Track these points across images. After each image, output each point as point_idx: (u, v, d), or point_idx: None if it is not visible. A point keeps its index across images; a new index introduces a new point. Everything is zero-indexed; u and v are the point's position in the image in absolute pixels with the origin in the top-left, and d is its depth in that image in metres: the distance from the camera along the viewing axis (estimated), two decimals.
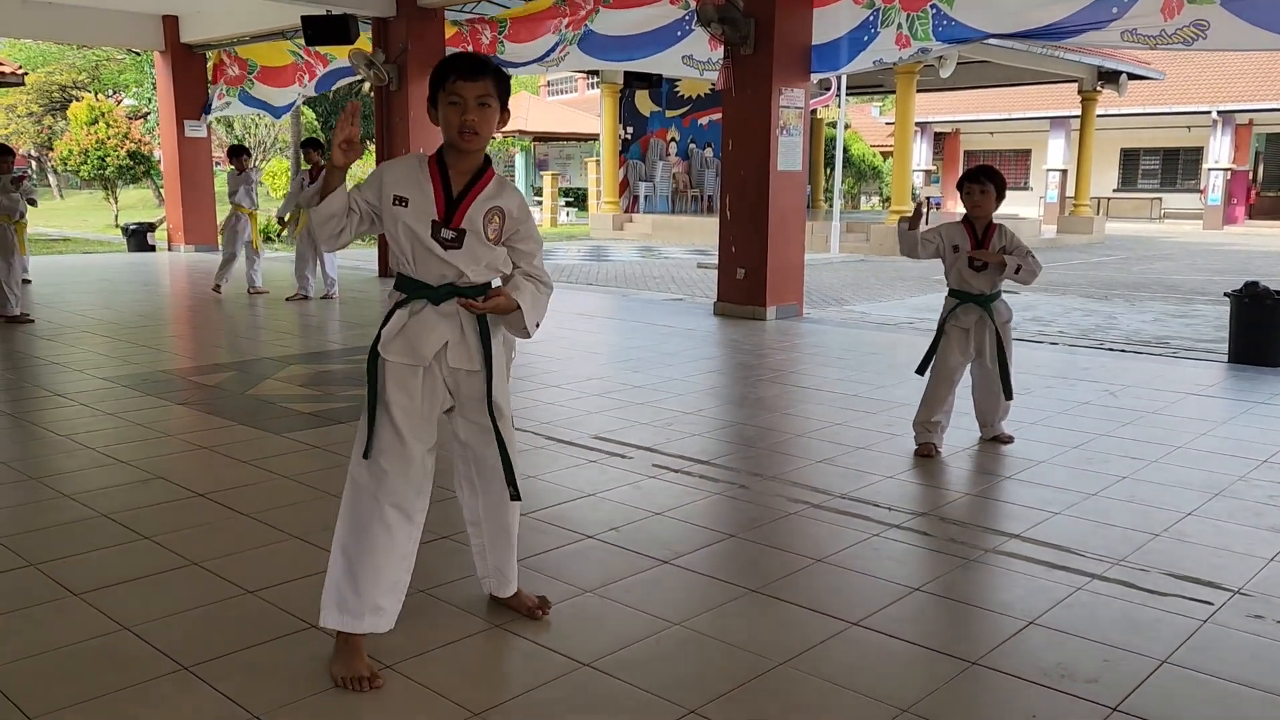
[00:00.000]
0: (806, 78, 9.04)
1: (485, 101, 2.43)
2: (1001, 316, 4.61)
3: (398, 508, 2.48)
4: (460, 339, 2.52)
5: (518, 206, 2.54)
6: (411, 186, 2.46)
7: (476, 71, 2.42)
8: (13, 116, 35.33)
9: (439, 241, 2.45)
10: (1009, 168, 34.06)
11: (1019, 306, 10.99)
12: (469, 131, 2.42)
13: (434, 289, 2.48)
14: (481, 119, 2.43)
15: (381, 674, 2.43)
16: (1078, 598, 2.98)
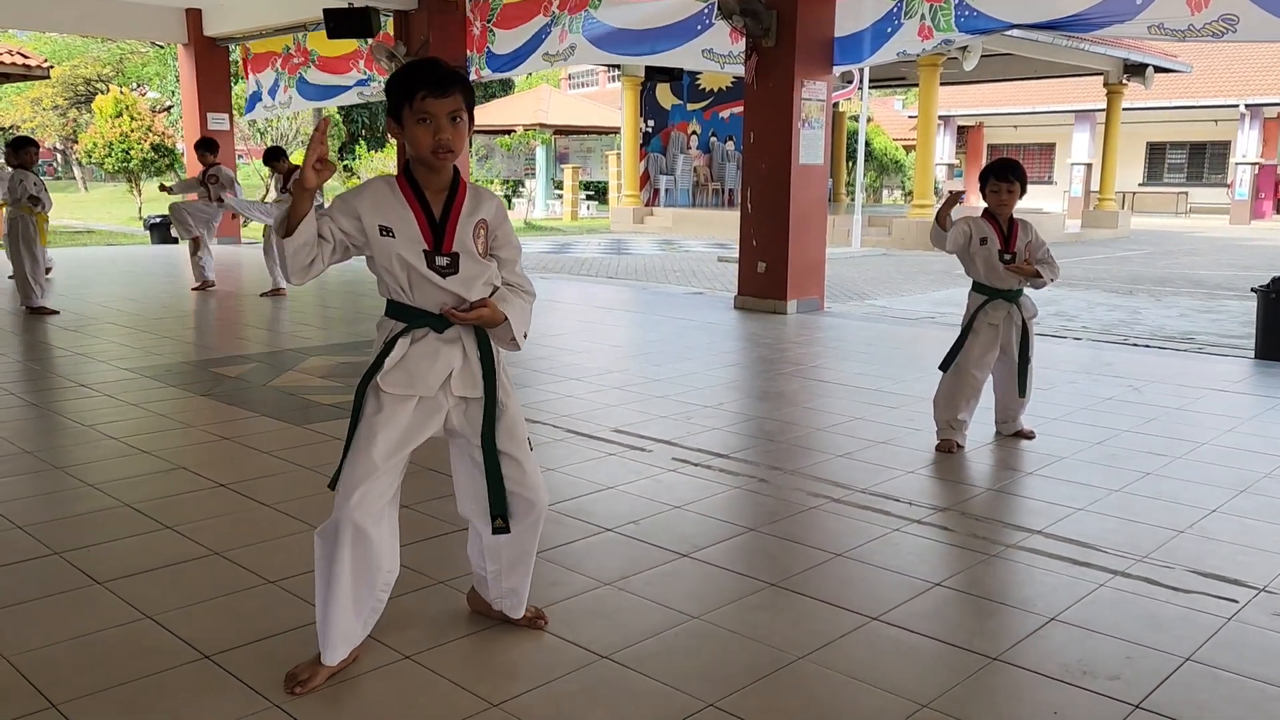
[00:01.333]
0: (829, 70, 9.00)
1: (457, 116, 2.30)
2: (1029, 312, 4.57)
3: (359, 529, 2.34)
4: (464, 366, 2.42)
5: (495, 211, 2.45)
6: (391, 215, 2.32)
7: (446, 85, 2.27)
8: (38, 109, 35.66)
9: (436, 271, 2.34)
10: (1033, 161, 33.83)
11: (1042, 301, 10.91)
12: (444, 150, 2.29)
13: (436, 316, 2.37)
14: (456, 136, 2.31)
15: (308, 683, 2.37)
16: (1100, 594, 2.95)
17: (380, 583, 2.44)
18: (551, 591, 2.93)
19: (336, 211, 2.32)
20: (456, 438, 2.51)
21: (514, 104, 31.22)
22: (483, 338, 2.44)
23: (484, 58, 12.02)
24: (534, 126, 28.20)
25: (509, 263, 2.49)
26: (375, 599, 2.46)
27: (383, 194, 2.35)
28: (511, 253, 2.50)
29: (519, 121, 28.67)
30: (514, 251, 2.51)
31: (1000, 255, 4.43)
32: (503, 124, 28.81)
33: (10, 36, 21.33)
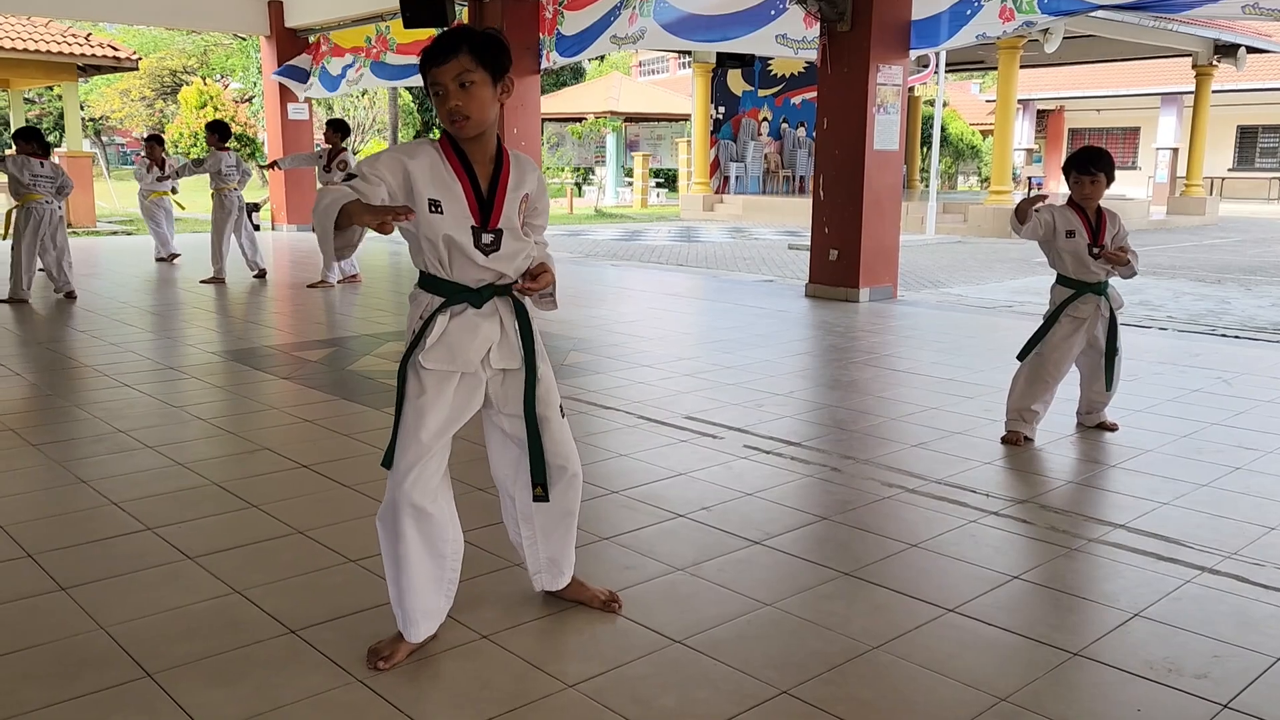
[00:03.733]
0: (905, 54, 8.84)
1: (467, 80, 2.20)
2: (1116, 304, 4.46)
3: (418, 509, 2.38)
4: (503, 339, 2.40)
5: (537, 183, 2.42)
6: (441, 188, 2.27)
7: (447, 51, 2.20)
8: (127, 100, 36.82)
9: (480, 249, 2.30)
10: (1116, 146, 32.84)
11: (1126, 291, 10.60)
12: (459, 118, 2.22)
13: (474, 291, 2.35)
14: (468, 101, 2.21)
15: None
16: (1186, 591, 2.87)
17: (449, 554, 2.49)
18: (625, 575, 2.95)
19: (385, 171, 2.23)
20: (488, 408, 2.51)
21: (585, 91, 31.31)
22: (520, 308, 2.43)
23: (553, 40, 12.04)
24: (605, 114, 28.25)
25: (539, 228, 2.48)
26: (450, 571, 2.50)
27: (433, 161, 2.28)
28: (544, 219, 2.49)
29: (590, 109, 28.75)
30: (545, 217, 2.50)
31: (1089, 249, 4.30)
32: (573, 111, 28.92)
33: (101, 29, 22.04)
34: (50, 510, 3.51)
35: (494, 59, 2.25)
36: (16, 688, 2.31)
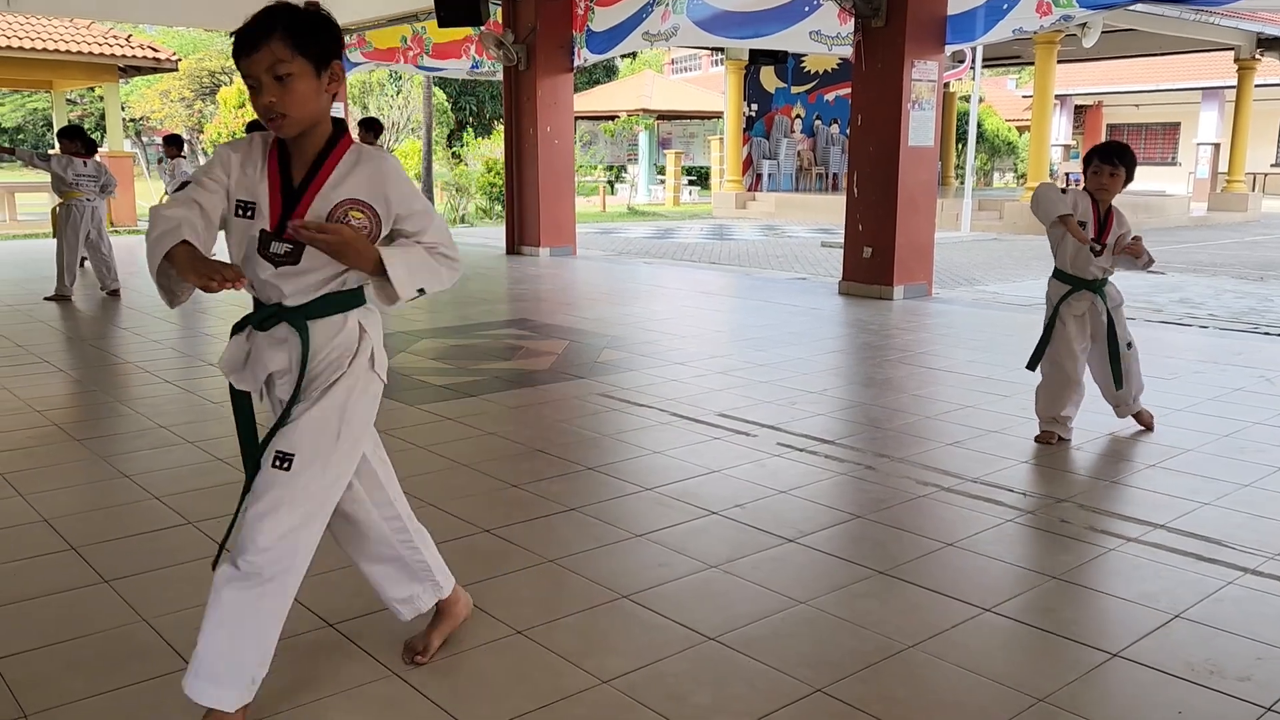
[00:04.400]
0: (941, 50, 8.77)
1: (282, 73, 1.91)
2: (1113, 300, 4.33)
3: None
4: (287, 368, 2.09)
5: (385, 180, 2.01)
6: (251, 187, 2.01)
7: (256, 38, 1.91)
8: (166, 101, 37.32)
9: (268, 259, 2.00)
10: (1156, 141, 32.37)
11: (1166, 288, 10.45)
12: (274, 116, 1.94)
13: (264, 309, 2.08)
14: (284, 96, 1.92)
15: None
16: (1228, 592, 2.83)
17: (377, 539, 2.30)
18: (658, 573, 2.95)
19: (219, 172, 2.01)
20: None
21: (617, 89, 31.34)
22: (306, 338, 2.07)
23: (584, 37, 12.05)
24: (637, 112, 28.27)
25: (416, 234, 2.07)
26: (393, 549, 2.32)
27: (250, 158, 2.03)
28: (421, 222, 2.06)
29: (622, 107, 28.77)
30: (421, 221, 2.06)
31: (1090, 245, 4.17)
32: (606, 109, 28.96)
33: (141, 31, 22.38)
34: (94, 504, 3.58)
35: (315, 43, 1.95)
36: (62, 678, 2.35)
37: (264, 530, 2.00)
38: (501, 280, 10.30)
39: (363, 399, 2.13)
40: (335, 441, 2.07)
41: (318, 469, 2.06)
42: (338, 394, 2.08)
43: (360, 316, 2.13)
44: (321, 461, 2.06)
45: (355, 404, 2.10)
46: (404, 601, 2.41)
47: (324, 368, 2.09)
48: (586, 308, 8.33)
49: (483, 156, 22.77)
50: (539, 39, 11.81)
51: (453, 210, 21.10)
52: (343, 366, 2.09)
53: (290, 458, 2.03)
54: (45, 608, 2.73)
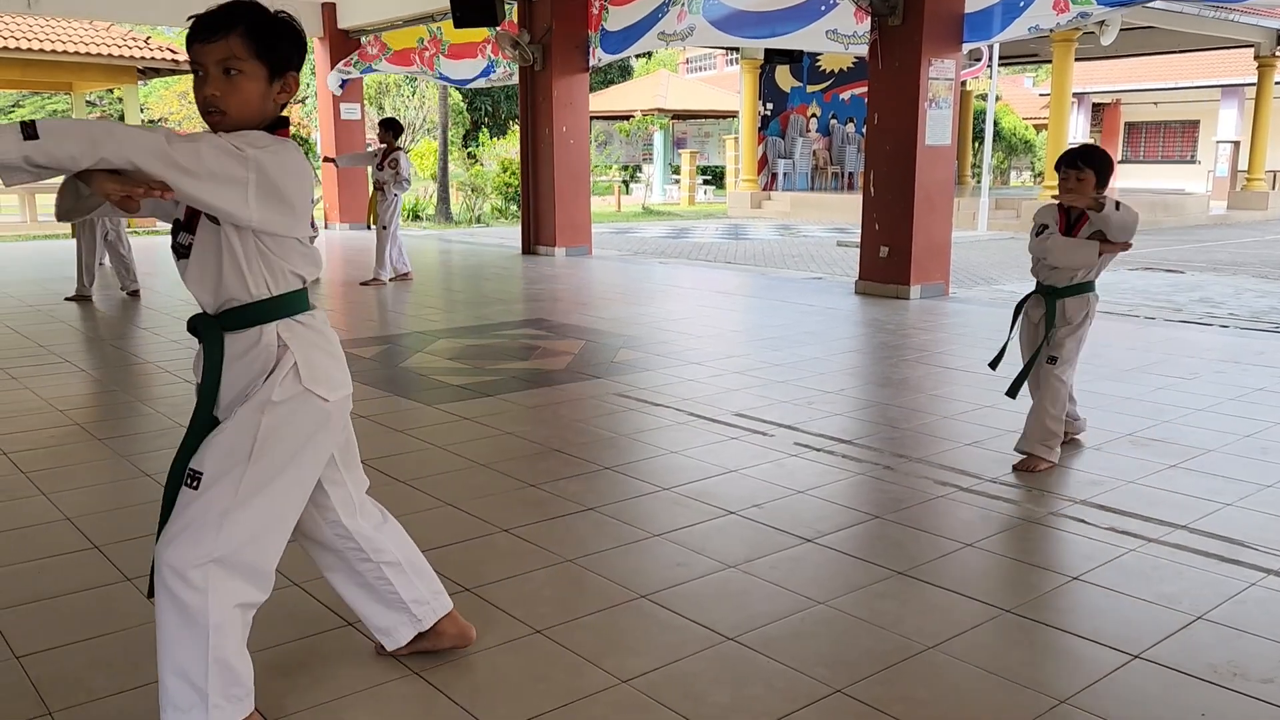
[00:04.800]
0: (958, 48, 8.74)
1: (233, 67, 1.86)
2: (1068, 316, 3.97)
3: None
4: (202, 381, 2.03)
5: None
6: None
7: (216, 28, 1.86)
8: (185, 102, 37.52)
9: (175, 250, 1.98)
10: (1175, 140, 32.12)
11: (1185, 287, 10.38)
12: (212, 110, 1.88)
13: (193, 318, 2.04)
14: (229, 92, 1.87)
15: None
16: (1251, 594, 2.81)
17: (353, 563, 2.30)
18: (676, 572, 2.95)
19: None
20: None
21: (632, 89, 31.34)
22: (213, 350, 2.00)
23: (598, 37, 12.06)
24: (652, 111, 28.27)
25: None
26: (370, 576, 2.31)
27: None
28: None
29: (637, 107, 28.78)
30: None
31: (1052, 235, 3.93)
32: (621, 109, 28.97)
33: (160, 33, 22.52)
34: (116, 503, 3.60)
35: (274, 49, 1.91)
36: (86, 675, 2.37)
37: (170, 552, 1.95)
38: (517, 280, 10.31)
39: (287, 417, 1.99)
40: (246, 462, 1.97)
41: (226, 489, 1.96)
42: (249, 412, 1.97)
43: (282, 329, 2.00)
44: (231, 482, 1.96)
45: (273, 422, 1.97)
46: (383, 632, 2.37)
47: (237, 385, 2.00)
48: (602, 307, 8.33)
49: (498, 157, 22.82)
50: (554, 39, 11.83)
51: (469, 210, 21.16)
52: (257, 383, 1.98)
53: (199, 476, 1.98)
54: (68, 606, 2.75)
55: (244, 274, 1.94)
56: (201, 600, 1.94)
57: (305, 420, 2.03)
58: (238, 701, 2.02)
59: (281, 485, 2.03)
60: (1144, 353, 6.23)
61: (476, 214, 20.96)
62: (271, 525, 2.04)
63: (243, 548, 1.99)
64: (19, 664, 2.43)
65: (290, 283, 2.01)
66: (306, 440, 2.04)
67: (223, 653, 1.97)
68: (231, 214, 1.87)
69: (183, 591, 1.94)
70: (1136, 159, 32.79)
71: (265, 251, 1.95)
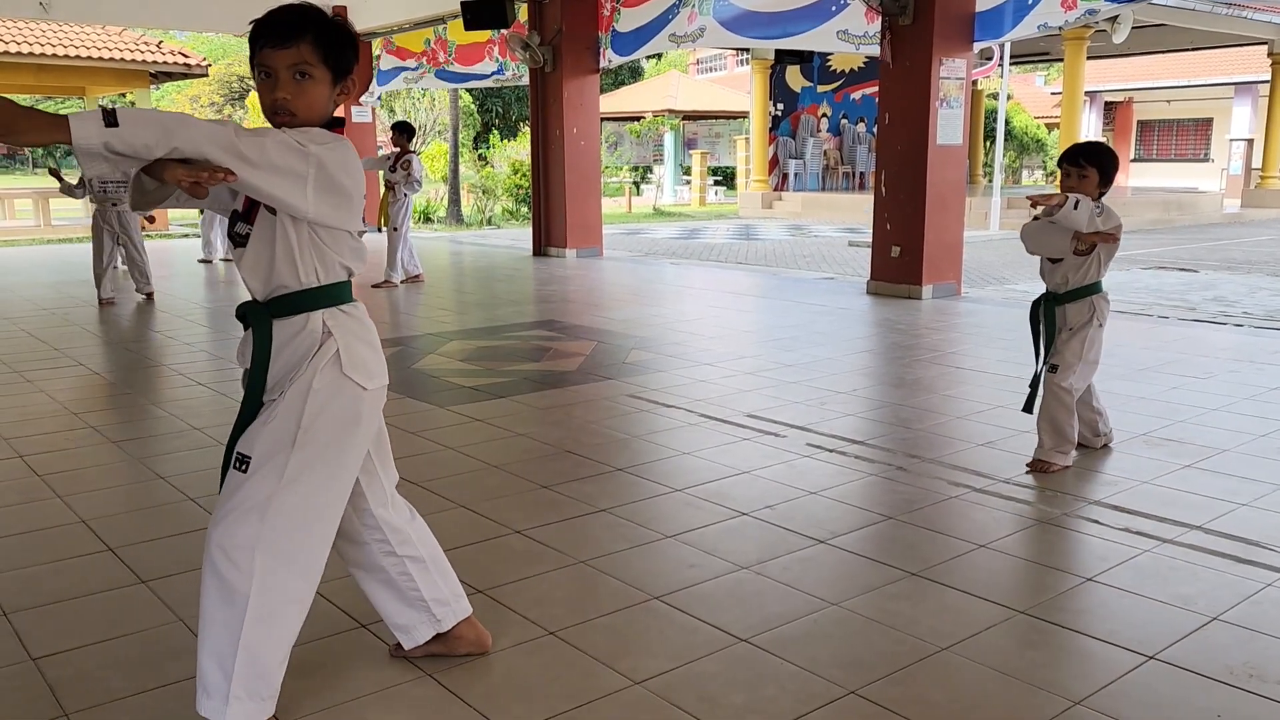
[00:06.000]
0: (969, 47, 8.71)
1: (304, 71, 1.95)
2: (1069, 319, 3.94)
3: None
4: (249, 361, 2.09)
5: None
6: None
7: (289, 34, 1.93)
8: (197, 106, 37.74)
9: (232, 238, 2.06)
10: (1188, 138, 31.97)
11: (1199, 286, 10.33)
12: (281, 112, 1.96)
13: (242, 305, 2.11)
14: (298, 95, 1.96)
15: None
16: (1267, 594, 2.79)
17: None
18: (689, 573, 2.95)
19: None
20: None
21: (642, 90, 31.37)
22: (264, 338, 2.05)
23: (609, 38, 12.06)
24: (662, 112, 28.28)
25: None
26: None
27: None
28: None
29: (647, 108, 28.80)
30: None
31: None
32: (632, 110, 28.99)
33: (171, 37, 22.63)
34: (130, 505, 3.62)
35: (340, 55, 2.01)
36: (101, 677, 2.39)
37: (219, 530, 2.02)
38: (529, 281, 10.33)
39: (328, 404, 2.04)
40: (291, 448, 2.02)
41: (272, 474, 2.02)
42: (293, 398, 2.03)
43: (327, 317, 2.07)
44: (275, 468, 2.02)
45: (314, 409, 2.03)
46: (402, 629, 2.39)
47: (284, 370, 2.05)
48: (614, 309, 8.34)
49: (509, 158, 22.86)
50: (565, 40, 11.84)
51: (480, 212, 21.19)
52: (300, 369, 2.04)
53: (248, 460, 2.03)
54: (84, 608, 2.77)
55: (296, 263, 2.01)
56: (245, 581, 1.99)
57: (344, 408, 2.08)
58: (260, 701, 2.04)
59: (324, 473, 2.07)
60: (1158, 352, 6.20)
61: (487, 216, 21.00)
62: (316, 514, 2.08)
63: (289, 535, 2.04)
64: (35, 665, 2.44)
65: (338, 274, 2.08)
66: (346, 429, 2.09)
67: (256, 644, 2.01)
68: (291, 205, 1.94)
69: (227, 569, 1.99)
70: (1149, 157, 32.65)
71: (318, 242, 2.03)
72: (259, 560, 2.00)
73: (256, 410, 2.07)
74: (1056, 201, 3.57)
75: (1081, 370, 3.96)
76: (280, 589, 2.04)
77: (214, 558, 2.01)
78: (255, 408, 2.07)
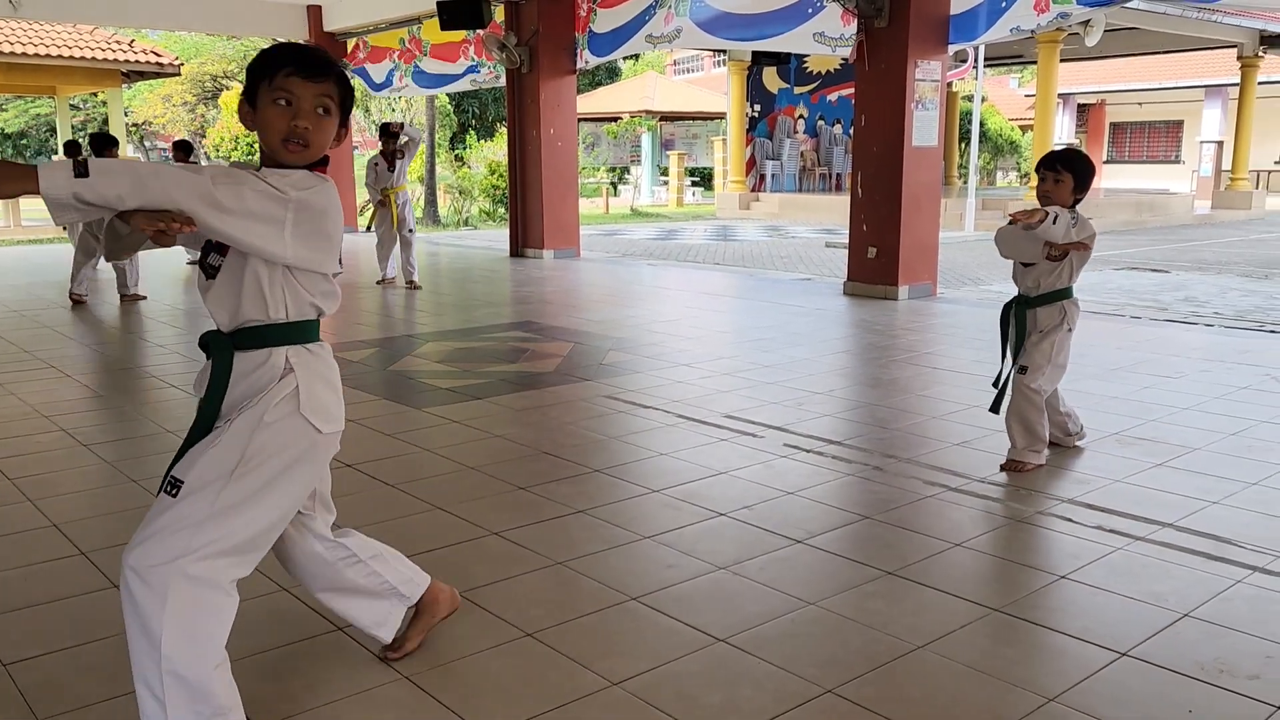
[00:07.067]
0: (944, 49, 8.77)
1: (326, 107, 2.00)
2: (1040, 323, 3.99)
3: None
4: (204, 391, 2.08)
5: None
6: None
7: (323, 69, 1.99)
8: (169, 106, 37.37)
9: (204, 269, 2.03)
10: (1159, 140, 32.34)
11: (1170, 286, 10.44)
12: (296, 141, 1.98)
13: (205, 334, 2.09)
14: (317, 128, 1.99)
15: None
16: (1238, 591, 2.83)
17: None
18: (667, 574, 2.96)
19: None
20: None
21: (619, 91, 31.36)
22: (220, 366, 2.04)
23: (586, 39, 12.05)
24: (640, 113, 28.28)
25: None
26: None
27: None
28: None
29: (625, 108, 28.78)
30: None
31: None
32: (609, 111, 28.97)
33: (143, 36, 22.43)
34: (103, 509, 3.59)
35: (348, 101, 2.08)
36: (74, 682, 2.36)
37: (134, 554, 1.94)
38: (505, 283, 10.30)
39: (276, 438, 2.01)
40: (229, 478, 1.97)
41: (203, 502, 1.96)
42: (240, 428, 2.00)
43: (291, 354, 2.04)
44: (209, 495, 1.96)
45: (263, 442, 1.99)
46: (378, 624, 2.40)
47: (238, 400, 2.03)
48: (591, 310, 8.34)
49: (485, 159, 22.78)
50: (541, 41, 11.83)
51: (456, 213, 21.12)
52: (253, 401, 2.01)
53: (179, 484, 1.98)
54: (56, 613, 2.74)
55: (265, 298, 2.01)
56: (157, 604, 1.91)
57: (294, 445, 2.04)
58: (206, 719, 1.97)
59: (258, 508, 2.01)
60: (1130, 352, 6.26)
61: (464, 217, 20.93)
62: (240, 547, 2.01)
63: (210, 562, 1.96)
64: (6, 671, 2.41)
65: (308, 312, 2.07)
66: (292, 464, 2.05)
67: (180, 665, 1.92)
68: (269, 252, 1.95)
69: (141, 592, 1.92)
70: (1121, 159, 33.00)
71: (291, 281, 2.03)
72: (173, 582, 1.91)
73: (201, 438, 2.03)
74: (1037, 219, 3.63)
75: (1050, 373, 3.99)
76: (195, 606, 1.94)
77: (127, 580, 1.93)
78: (201, 435, 2.03)
